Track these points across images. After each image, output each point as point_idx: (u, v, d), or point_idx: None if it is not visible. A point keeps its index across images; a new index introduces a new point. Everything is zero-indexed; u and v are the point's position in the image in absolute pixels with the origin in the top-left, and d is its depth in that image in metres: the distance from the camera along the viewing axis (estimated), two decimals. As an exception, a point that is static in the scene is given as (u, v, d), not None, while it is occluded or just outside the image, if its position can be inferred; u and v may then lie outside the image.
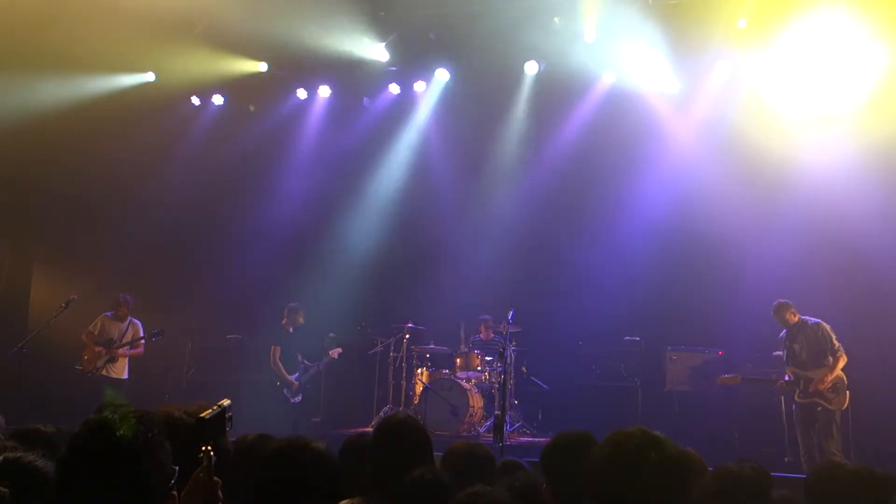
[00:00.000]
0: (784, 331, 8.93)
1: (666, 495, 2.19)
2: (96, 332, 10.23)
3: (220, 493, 2.41)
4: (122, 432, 1.98)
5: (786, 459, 8.93)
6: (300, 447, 2.45)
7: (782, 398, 9.24)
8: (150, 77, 11.74)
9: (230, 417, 2.50)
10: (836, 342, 8.52)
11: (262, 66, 11.52)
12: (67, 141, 11.65)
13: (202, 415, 2.45)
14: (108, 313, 10.35)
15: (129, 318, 10.35)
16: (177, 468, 2.13)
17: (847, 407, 8.46)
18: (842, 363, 8.46)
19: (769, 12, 9.61)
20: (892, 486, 2.81)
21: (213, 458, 2.40)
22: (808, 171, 10.28)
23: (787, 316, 8.77)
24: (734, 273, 10.42)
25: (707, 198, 10.75)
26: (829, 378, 8.42)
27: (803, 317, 8.78)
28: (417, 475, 3.13)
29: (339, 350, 11.02)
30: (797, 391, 8.61)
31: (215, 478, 2.41)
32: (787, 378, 8.76)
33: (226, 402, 2.52)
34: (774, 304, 8.89)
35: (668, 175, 11.00)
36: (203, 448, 2.40)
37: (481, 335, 11.32)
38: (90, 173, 11.80)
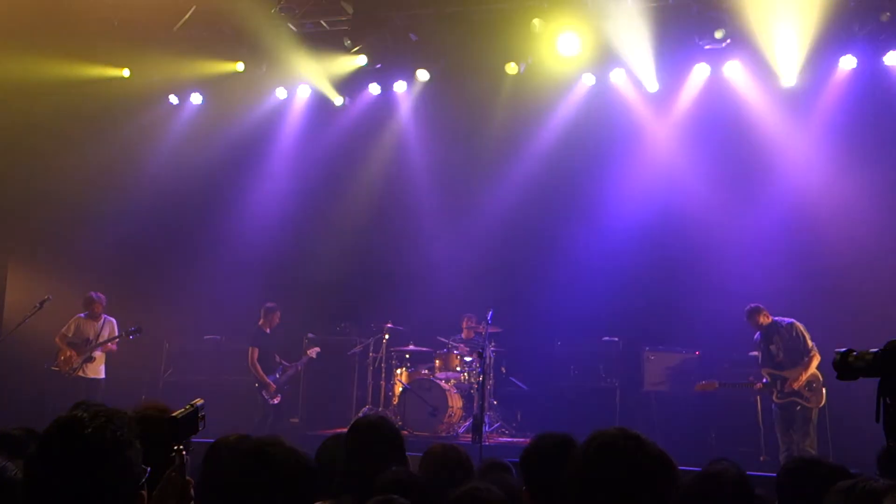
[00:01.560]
0: (758, 332, 9.00)
1: (647, 497, 2.19)
2: (70, 335, 10.12)
3: (192, 491, 2.40)
4: (90, 430, 1.96)
5: (761, 458, 9.01)
6: (273, 446, 2.43)
7: (758, 398, 9.32)
8: (125, 73, 11.59)
9: (203, 417, 2.49)
10: (809, 342, 8.62)
11: (239, 66, 11.44)
12: (43, 139, 11.53)
13: (174, 414, 2.43)
14: (82, 314, 10.24)
15: (104, 316, 10.27)
16: (148, 468, 2.11)
17: (824, 405, 8.55)
18: (815, 362, 8.55)
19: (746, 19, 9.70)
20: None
21: (187, 458, 2.38)
22: (784, 172, 10.41)
23: (760, 319, 8.84)
24: (711, 274, 10.51)
25: (685, 198, 10.86)
26: (804, 377, 8.51)
27: (776, 317, 8.86)
28: (390, 475, 3.12)
29: (317, 349, 10.99)
30: (775, 392, 8.69)
31: (187, 477, 2.39)
32: (764, 381, 8.84)
33: (199, 401, 2.51)
34: (746, 308, 8.94)
35: (647, 176, 11.08)
36: (175, 447, 2.38)
37: (463, 333, 11.31)
38: (66, 172, 11.66)
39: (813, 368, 8.55)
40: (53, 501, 1.94)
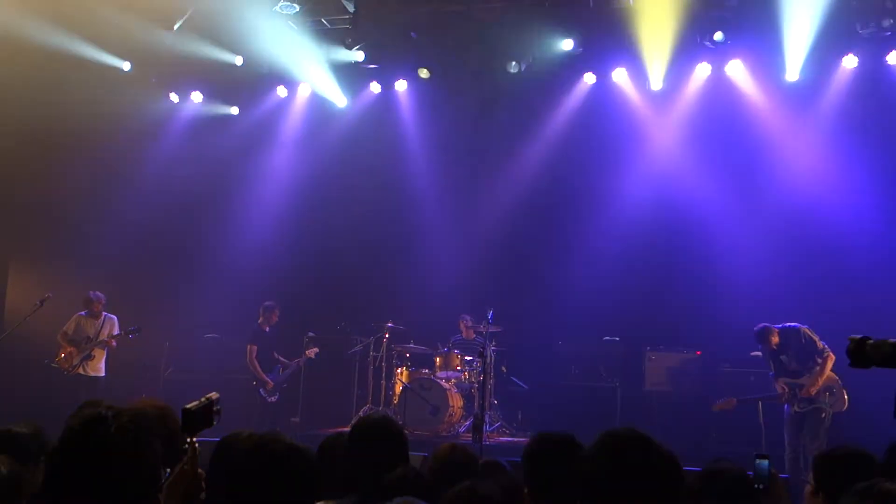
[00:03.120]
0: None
1: (655, 499, 2.17)
2: (71, 333, 10.13)
3: (203, 484, 2.39)
4: (114, 429, 1.95)
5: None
6: (275, 442, 2.42)
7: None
8: (125, 66, 11.53)
9: (218, 411, 2.48)
10: (820, 343, 8.34)
11: (239, 65, 11.37)
12: (42, 138, 11.51)
13: (188, 406, 2.43)
14: (83, 312, 10.24)
15: (104, 314, 10.26)
16: (167, 470, 2.11)
17: (846, 408, 8.26)
18: (830, 363, 8.26)
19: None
20: None
21: (198, 450, 2.38)
22: (788, 171, 10.39)
23: (773, 340, 8.47)
24: (713, 273, 10.49)
25: (686, 198, 10.84)
26: (820, 380, 8.26)
27: (780, 326, 8.52)
28: (397, 474, 3.10)
29: (316, 350, 10.98)
30: (796, 403, 8.40)
31: (199, 470, 2.39)
32: (783, 390, 8.49)
33: (214, 395, 2.50)
34: (756, 330, 8.59)
35: (648, 175, 11.07)
36: (188, 440, 2.38)
37: (462, 333, 11.31)
38: (67, 171, 11.65)
39: (828, 370, 8.26)
40: (72, 498, 1.93)
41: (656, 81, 10.70)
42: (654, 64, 10.44)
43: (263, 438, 2.41)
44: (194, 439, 2.41)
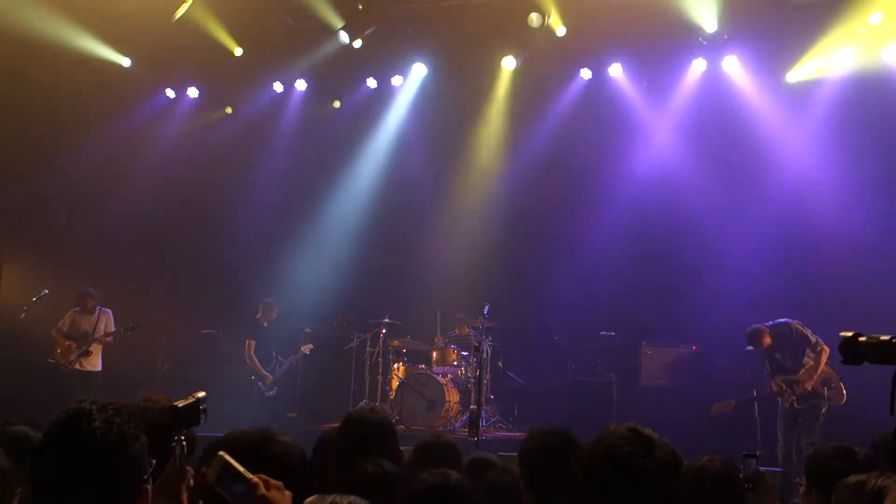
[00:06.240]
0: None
1: (657, 498, 2.17)
2: (66, 329, 10.12)
3: (192, 481, 2.40)
4: (97, 423, 1.96)
5: (758, 453, 8.94)
6: (266, 439, 2.43)
7: (754, 392, 9.27)
8: (125, 63, 11.49)
9: (204, 410, 2.51)
10: (812, 337, 8.27)
11: (236, 60, 11.32)
12: (36, 133, 11.48)
13: (176, 403, 2.45)
14: (77, 308, 10.23)
15: (98, 308, 10.25)
16: (154, 461, 2.12)
17: (845, 402, 8.20)
18: (825, 357, 8.19)
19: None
20: None
21: (186, 448, 2.40)
22: (782, 168, 10.41)
23: (765, 341, 8.38)
24: (708, 268, 10.50)
25: (682, 193, 10.84)
26: (815, 375, 8.19)
27: (770, 323, 8.44)
28: (363, 469, 3.08)
29: (311, 346, 10.99)
30: (794, 399, 8.32)
31: (188, 467, 2.40)
32: (780, 388, 8.36)
33: (201, 394, 2.53)
34: (747, 332, 8.52)
35: (644, 171, 11.07)
36: (176, 437, 2.40)
37: (456, 331, 11.31)
38: (62, 167, 11.62)
39: (823, 364, 8.20)
40: (59, 494, 1.94)
41: (651, 77, 10.70)
42: (649, 59, 10.44)
43: (255, 437, 2.42)
44: (181, 437, 2.43)
